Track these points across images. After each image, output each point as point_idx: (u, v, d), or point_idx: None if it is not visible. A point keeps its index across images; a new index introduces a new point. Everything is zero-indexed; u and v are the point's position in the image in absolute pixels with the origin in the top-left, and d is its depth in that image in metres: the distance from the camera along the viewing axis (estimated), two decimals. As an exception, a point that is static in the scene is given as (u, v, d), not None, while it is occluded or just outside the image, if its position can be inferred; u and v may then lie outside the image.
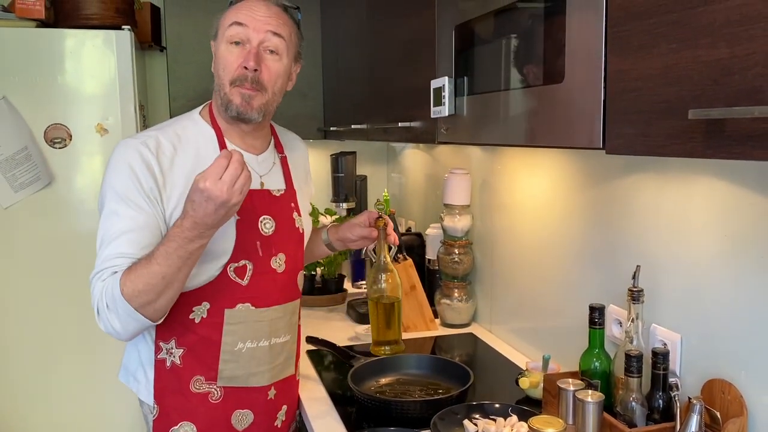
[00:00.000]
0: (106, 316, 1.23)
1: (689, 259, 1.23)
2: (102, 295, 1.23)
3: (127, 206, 1.26)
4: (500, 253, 1.98)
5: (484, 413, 1.39)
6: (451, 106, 1.31)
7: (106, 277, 1.23)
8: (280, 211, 1.44)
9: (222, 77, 1.36)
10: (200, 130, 1.39)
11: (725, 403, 1.11)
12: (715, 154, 0.68)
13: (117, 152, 1.32)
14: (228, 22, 1.35)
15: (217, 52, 1.37)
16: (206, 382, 1.38)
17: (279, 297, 1.43)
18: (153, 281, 1.19)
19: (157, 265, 1.19)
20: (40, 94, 2.23)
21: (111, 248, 1.25)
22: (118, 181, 1.28)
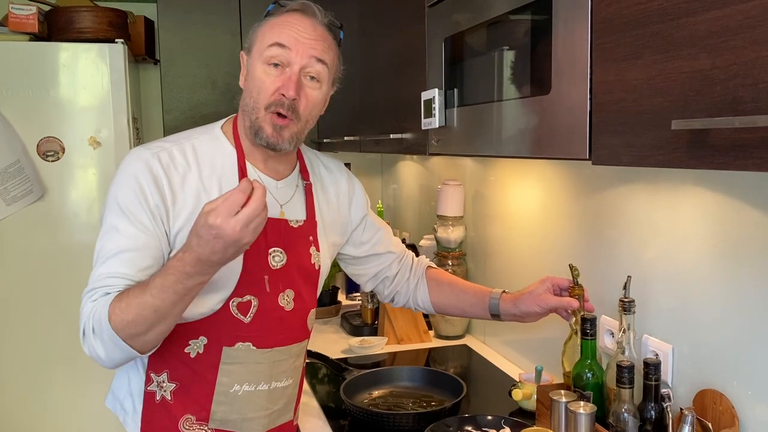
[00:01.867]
0: (92, 340, 1.12)
1: (680, 270, 1.23)
2: (90, 318, 1.12)
3: (129, 223, 1.16)
4: (493, 264, 1.98)
5: (476, 425, 1.38)
6: (442, 118, 1.31)
7: (97, 298, 1.13)
8: (294, 244, 1.29)
9: (256, 100, 1.22)
10: (220, 148, 1.26)
11: (717, 413, 1.11)
12: (699, 164, 0.68)
13: (126, 162, 1.21)
14: (268, 40, 1.20)
15: (252, 71, 1.22)
16: (197, 422, 1.26)
17: (284, 338, 1.29)
18: (144, 313, 1.08)
19: (151, 296, 1.07)
20: (33, 107, 2.24)
21: (106, 266, 1.15)
22: (122, 194, 1.18)
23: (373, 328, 2.17)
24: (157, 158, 1.19)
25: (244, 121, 1.25)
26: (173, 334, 1.19)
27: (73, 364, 2.32)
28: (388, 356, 1.97)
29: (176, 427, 1.25)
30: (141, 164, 1.19)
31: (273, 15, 1.24)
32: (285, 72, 1.20)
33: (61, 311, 2.30)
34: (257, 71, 1.21)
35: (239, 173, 1.24)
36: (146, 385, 1.25)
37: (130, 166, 1.20)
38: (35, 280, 2.28)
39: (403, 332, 2.07)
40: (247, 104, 1.23)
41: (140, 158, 1.20)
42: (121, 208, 1.17)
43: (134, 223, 1.16)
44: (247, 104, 1.23)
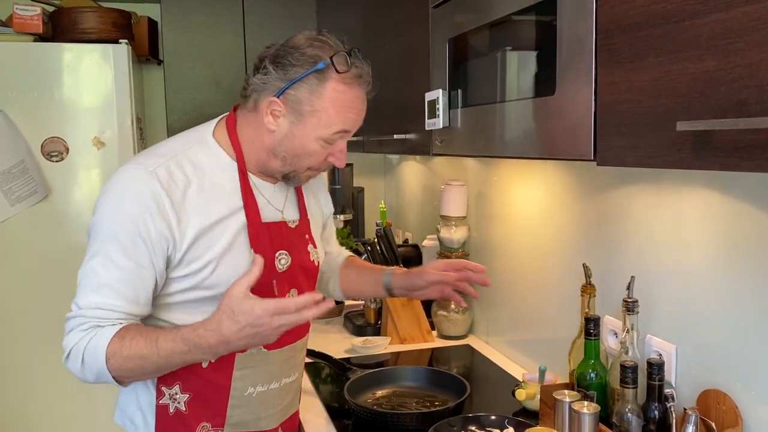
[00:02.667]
0: (79, 367, 1.13)
1: (683, 270, 1.23)
2: (81, 348, 1.12)
3: (126, 256, 1.12)
4: (496, 265, 1.99)
5: (480, 425, 1.39)
6: (446, 119, 1.32)
7: (89, 329, 1.13)
8: (295, 244, 1.31)
9: (301, 161, 1.22)
10: (216, 158, 1.23)
11: (720, 413, 1.11)
12: (704, 165, 0.69)
13: (124, 182, 1.15)
14: (335, 125, 1.18)
15: (303, 138, 1.19)
16: (212, 429, 1.26)
17: (291, 336, 1.30)
18: (146, 366, 1.11)
19: (158, 356, 1.09)
20: (38, 108, 2.25)
21: (98, 296, 1.13)
22: (120, 222, 1.12)
23: (376, 327, 2.18)
24: (156, 178, 1.14)
25: (271, 159, 1.23)
26: None
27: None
28: (391, 356, 1.98)
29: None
30: (141, 186, 1.13)
31: (328, 79, 1.16)
32: (336, 144, 1.22)
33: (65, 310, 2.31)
34: (310, 143, 1.19)
35: (241, 182, 1.23)
36: (158, 399, 1.24)
37: (128, 188, 1.14)
38: (39, 280, 2.28)
39: (406, 332, 2.07)
40: (285, 157, 1.21)
41: (140, 180, 1.14)
42: (118, 238, 1.12)
43: (132, 258, 1.12)
44: (284, 157, 1.21)
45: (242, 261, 1.20)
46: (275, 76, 1.16)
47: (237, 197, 1.22)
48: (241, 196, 1.22)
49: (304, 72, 1.15)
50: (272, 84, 1.17)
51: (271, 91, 1.17)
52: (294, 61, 1.15)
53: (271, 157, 1.22)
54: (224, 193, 1.21)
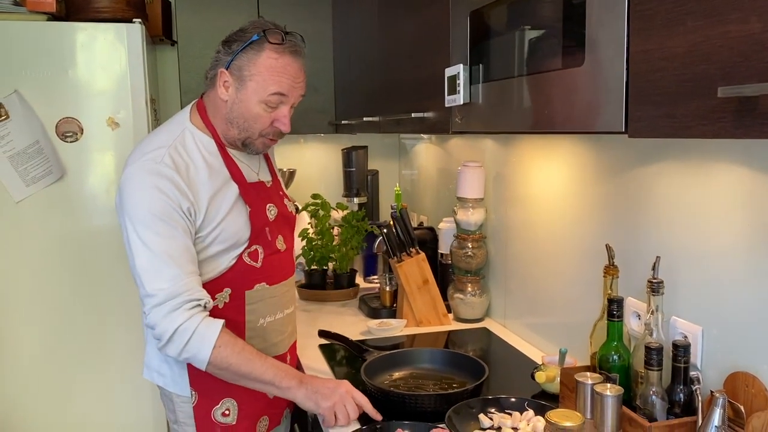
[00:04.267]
0: (181, 346, 1.30)
1: (710, 250, 1.20)
2: (191, 329, 1.29)
3: (174, 228, 1.33)
4: (514, 247, 1.96)
5: (499, 407, 1.37)
6: (466, 94, 1.29)
7: (193, 307, 1.31)
8: (275, 198, 1.56)
9: (250, 126, 1.42)
10: (199, 141, 1.43)
11: (749, 396, 1.08)
12: (746, 133, 0.65)
13: (139, 177, 1.34)
14: (269, 88, 1.38)
15: (246, 103, 1.40)
16: None
17: (285, 273, 1.56)
18: (243, 368, 1.33)
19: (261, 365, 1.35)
20: (52, 88, 2.23)
21: (176, 267, 1.31)
22: (154, 205, 1.32)
23: (391, 310, 2.16)
24: (164, 164, 1.34)
25: (229, 128, 1.43)
26: None
27: (94, 345, 2.33)
28: (407, 338, 1.96)
29: None
30: (155, 174, 1.33)
31: (263, 49, 1.37)
32: (279, 109, 1.42)
33: (80, 291, 2.31)
34: (254, 107, 1.40)
35: (222, 155, 1.45)
36: None
37: (145, 180, 1.33)
38: (54, 260, 2.28)
39: (422, 315, 2.05)
40: (237, 123, 1.42)
41: (152, 170, 1.33)
42: (156, 215, 1.31)
43: (176, 227, 1.33)
44: (238, 123, 1.42)
45: (242, 217, 1.44)
46: (224, 53, 1.41)
47: (224, 169, 1.44)
48: (226, 167, 1.44)
49: (243, 44, 1.38)
50: (222, 60, 1.41)
51: (221, 65, 1.41)
52: (237, 38, 1.40)
53: (229, 125, 1.43)
54: (214, 168, 1.42)
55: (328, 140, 3.12)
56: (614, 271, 1.35)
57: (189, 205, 1.35)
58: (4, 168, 2.20)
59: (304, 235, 2.40)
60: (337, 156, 2.99)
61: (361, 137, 2.98)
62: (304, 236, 2.40)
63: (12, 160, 2.20)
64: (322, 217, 2.46)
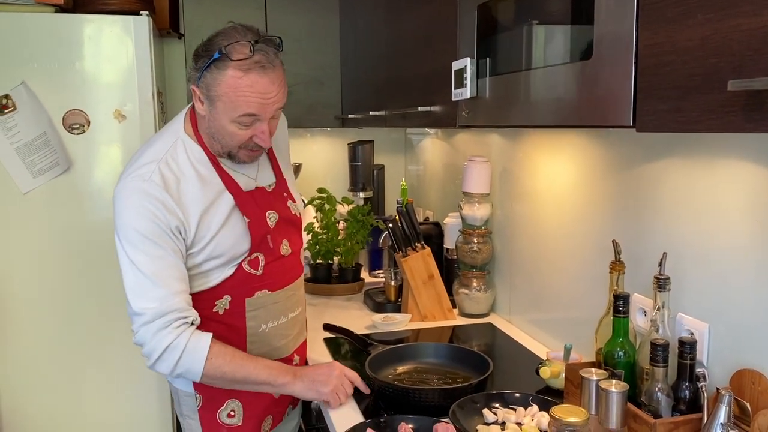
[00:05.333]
0: (173, 363, 1.30)
1: (718, 246, 1.19)
2: (181, 345, 1.28)
3: (158, 246, 1.30)
4: (520, 242, 1.95)
5: (504, 402, 1.37)
6: (473, 88, 1.28)
7: (180, 326, 1.29)
8: (277, 203, 1.50)
9: (228, 143, 1.35)
10: (191, 152, 1.38)
11: (755, 394, 1.07)
12: (756, 128, 0.65)
13: (126, 196, 1.31)
14: (237, 110, 1.29)
15: (219, 122, 1.32)
16: None
17: (289, 277, 1.52)
18: (238, 374, 1.34)
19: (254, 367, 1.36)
20: (59, 80, 2.23)
21: (162, 287, 1.29)
22: (139, 224, 1.29)
23: (396, 305, 2.16)
24: (153, 182, 1.30)
25: (212, 142, 1.38)
26: (201, 301, 1.39)
27: (100, 336, 2.34)
28: (411, 333, 1.96)
29: None
30: (142, 194, 1.30)
31: (226, 68, 1.26)
32: (256, 125, 1.33)
33: (85, 282, 2.31)
34: (227, 125, 1.32)
35: (214, 166, 1.39)
36: None
37: (132, 199, 1.30)
38: (61, 251, 2.29)
39: (426, 309, 2.05)
40: (217, 138, 1.36)
41: (138, 189, 1.30)
42: (144, 235, 1.29)
43: (165, 247, 1.30)
44: (218, 138, 1.36)
45: (238, 229, 1.39)
46: (193, 67, 1.32)
47: (217, 179, 1.39)
48: (219, 177, 1.39)
49: (208, 61, 1.28)
50: (193, 74, 1.33)
51: (193, 80, 1.33)
52: (203, 51, 1.30)
53: (211, 139, 1.38)
54: (207, 180, 1.37)
55: (334, 134, 3.12)
56: (620, 267, 1.34)
57: (178, 224, 1.32)
58: (12, 159, 2.20)
59: (310, 229, 2.40)
60: (343, 150, 2.98)
61: (368, 132, 2.97)
62: (310, 230, 2.40)
63: (19, 152, 2.21)
64: (327, 211, 2.46)
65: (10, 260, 2.26)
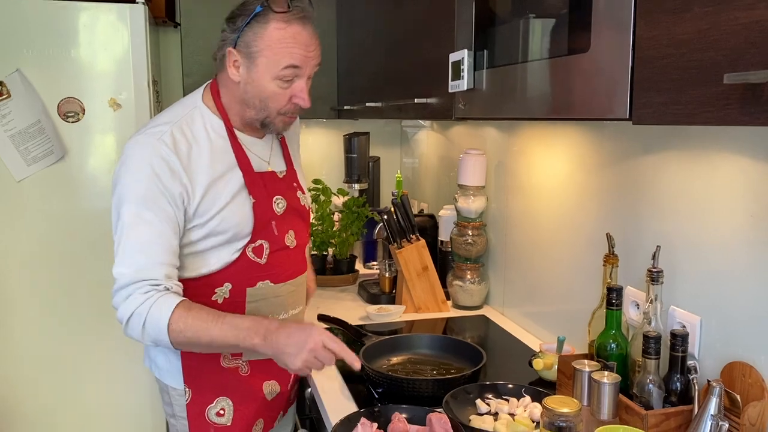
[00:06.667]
0: (139, 331, 1.24)
1: (711, 240, 1.20)
2: (143, 313, 1.22)
3: (153, 212, 1.26)
4: (514, 235, 1.96)
5: (497, 393, 1.37)
6: (470, 80, 1.28)
7: (147, 292, 1.24)
8: (287, 191, 1.47)
9: (267, 106, 1.35)
10: (208, 122, 1.37)
11: (746, 386, 1.09)
12: (752, 120, 0.65)
13: (134, 152, 1.29)
14: (281, 61, 1.30)
15: (260, 82, 1.32)
16: (233, 358, 1.44)
17: (293, 271, 1.48)
18: (202, 339, 1.24)
19: (219, 330, 1.23)
20: (53, 68, 2.22)
21: (144, 255, 1.25)
22: (141, 186, 1.26)
23: (390, 296, 2.16)
24: (164, 143, 1.28)
25: (245, 110, 1.37)
26: (200, 288, 1.36)
27: (95, 327, 2.34)
28: (405, 324, 1.97)
29: (219, 364, 1.42)
30: (150, 151, 1.27)
31: (268, 21, 1.30)
32: (295, 83, 1.34)
33: (80, 271, 2.31)
34: (268, 85, 1.33)
35: (231, 140, 1.38)
36: None
37: (138, 155, 1.28)
38: (56, 240, 2.28)
39: (420, 301, 2.06)
40: (253, 104, 1.35)
41: (148, 146, 1.28)
42: (144, 200, 1.26)
43: (158, 213, 1.26)
44: (254, 104, 1.35)
45: (245, 208, 1.37)
46: (229, 31, 1.33)
47: (230, 154, 1.38)
48: (233, 152, 1.38)
49: (247, 18, 1.30)
50: (228, 38, 1.33)
51: (228, 44, 1.33)
52: (240, 12, 1.32)
53: (245, 107, 1.37)
54: (220, 152, 1.36)
55: (329, 126, 3.12)
56: (614, 259, 1.35)
57: (181, 190, 1.29)
58: (6, 147, 2.19)
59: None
60: (339, 142, 2.98)
61: (363, 123, 2.97)
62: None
63: (13, 140, 2.20)
64: (322, 202, 2.46)
65: (4, 248, 2.25)
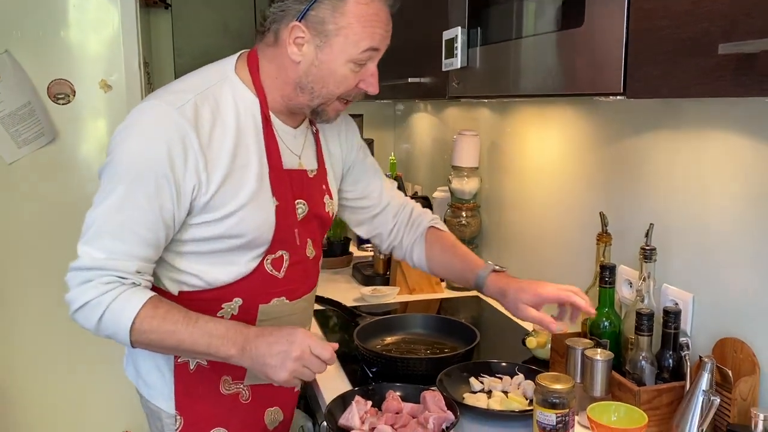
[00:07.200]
0: (94, 322, 1.06)
1: (703, 218, 1.20)
2: (103, 304, 1.04)
3: (148, 197, 1.05)
4: (507, 217, 1.96)
5: (490, 372, 1.38)
6: (464, 58, 1.27)
7: (110, 283, 1.05)
8: (313, 194, 1.26)
9: (330, 91, 1.14)
10: (240, 97, 1.14)
11: (737, 362, 1.09)
12: (746, 92, 0.65)
13: (146, 118, 1.07)
14: (363, 42, 1.10)
15: (331, 64, 1.11)
16: (233, 382, 1.24)
17: (308, 286, 1.30)
18: (167, 342, 1.06)
19: (188, 334, 1.05)
20: (43, 49, 2.20)
21: (119, 241, 1.06)
22: (145, 163, 1.04)
23: (384, 278, 2.17)
24: (184, 115, 1.06)
25: (297, 94, 1.15)
26: (205, 304, 1.16)
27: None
28: (399, 305, 1.97)
29: (218, 390, 1.23)
30: (167, 123, 1.05)
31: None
32: (367, 66, 1.14)
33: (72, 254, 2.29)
34: (340, 67, 1.11)
35: (264, 125, 1.16)
36: (176, 359, 1.20)
37: (152, 124, 1.06)
38: (47, 223, 2.27)
39: (414, 282, 2.06)
40: (313, 88, 1.14)
41: (164, 115, 1.06)
42: (142, 178, 1.04)
43: (155, 200, 1.05)
44: (314, 89, 1.14)
45: (267, 211, 1.15)
46: (293, 1, 1.09)
47: (259, 141, 1.15)
48: (264, 139, 1.15)
49: None
50: (291, 9, 1.09)
51: (291, 16, 1.09)
52: None
53: (298, 92, 1.14)
54: (247, 135, 1.13)
55: (323, 108, 3.10)
56: (607, 238, 1.35)
57: (195, 182, 1.07)
58: (-4, 129, 2.18)
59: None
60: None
61: (357, 106, 2.96)
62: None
63: (3, 122, 2.18)
64: (316, 184, 2.45)
65: (-4, 231, 2.24)
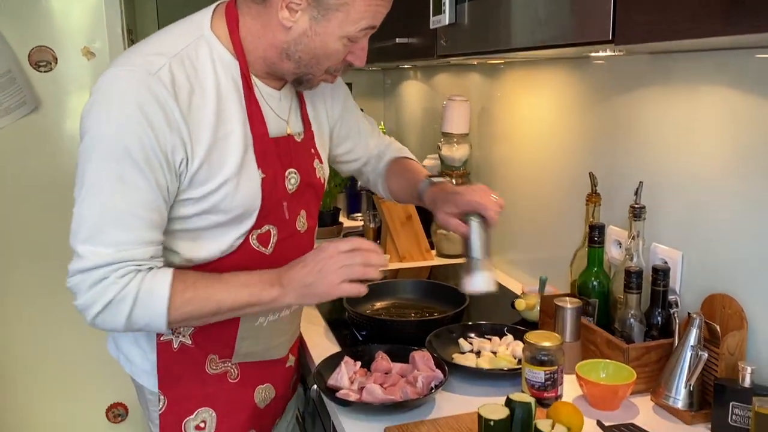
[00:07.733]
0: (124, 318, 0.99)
1: (692, 175, 1.19)
2: (131, 295, 0.97)
3: (142, 173, 0.96)
4: (498, 183, 1.95)
5: (479, 333, 1.38)
6: (452, 14, 1.25)
7: (128, 274, 0.97)
8: (303, 161, 1.18)
9: (320, 64, 1.07)
10: (219, 58, 1.05)
11: (725, 317, 1.09)
12: (736, 30, 0.64)
13: (116, 86, 0.97)
14: (363, 21, 1.02)
15: (325, 39, 1.03)
16: (220, 361, 1.18)
17: None
18: (207, 309, 1.02)
19: (226, 293, 1.02)
20: (24, 16, 2.15)
21: (123, 230, 0.97)
22: (128, 135, 0.95)
23: (374, 246, 2.16)
24: (160, 81, 0.96)
25: (282, 61, 1.06)
26: None
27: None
28: (389, 273, 1.96)
29: (204, 370, 1.17)
30: (140, 89, 0.95)
31: None
32: (359, 42, 1.07)
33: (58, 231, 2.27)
34: (333, 42, 1.04)
35: (245, 88, 1.06)
36: (158, 337, 1.14)
37: (123, 92, 0.96)
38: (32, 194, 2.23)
39: (405, 250, 2.05)
40: (300, 58, 1.05)
41: (137, 82, 0.96)
42: (130, 154, 0.95)
43: (148, 175, 0.97)
44: (301, 59, 1.05)
45: (253, 183, 1.07)
46: None
47: (242, 107, 1.06)
48: (245, 105, 1.06)
49: None
50: None
51: None
52: None
53: (283, 58, 1.06)
54: (229, 102, 1.04)
55: (311, 78, 3.07)
56: (596, 198, 1.34)
57: (181, 150, 0.99)
58: (-24, 98, 2.14)
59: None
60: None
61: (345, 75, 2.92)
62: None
63: (-16, 90, 2.14)
64: (305, 153, 2.43)
65: (-21, 203, 2.21)
